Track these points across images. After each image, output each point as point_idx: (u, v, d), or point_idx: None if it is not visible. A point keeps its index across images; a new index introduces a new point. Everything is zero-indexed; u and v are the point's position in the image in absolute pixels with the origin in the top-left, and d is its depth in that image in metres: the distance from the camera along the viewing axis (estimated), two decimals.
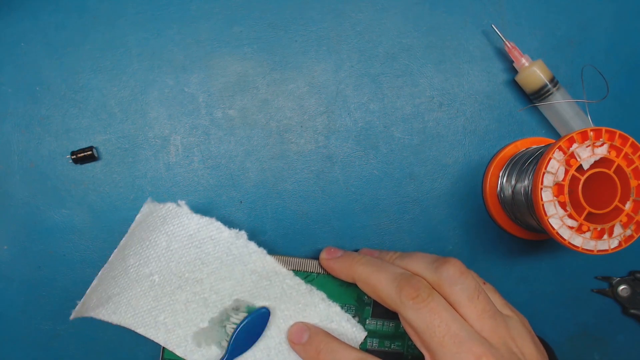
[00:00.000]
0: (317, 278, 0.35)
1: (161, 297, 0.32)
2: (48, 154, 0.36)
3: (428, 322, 0.28)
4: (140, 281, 0.32)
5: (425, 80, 0.38)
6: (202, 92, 0.37)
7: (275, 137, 0.37)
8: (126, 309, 0.32)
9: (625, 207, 0.31)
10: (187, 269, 0.32)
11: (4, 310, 0.36)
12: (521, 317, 0.31)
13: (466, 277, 0.29)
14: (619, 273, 0.40)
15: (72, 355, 0.36)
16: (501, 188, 0.37)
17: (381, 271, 0.30)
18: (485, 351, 0.27)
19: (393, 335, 0.36)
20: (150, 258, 0.32)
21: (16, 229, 0.36)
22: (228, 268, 0.33)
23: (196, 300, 0.33)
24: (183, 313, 0.33)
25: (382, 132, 0.38)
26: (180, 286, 0.32)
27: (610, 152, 0.31)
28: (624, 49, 0.40)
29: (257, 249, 0.33)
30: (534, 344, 0.30)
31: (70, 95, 0.36)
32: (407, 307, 0.28)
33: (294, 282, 0.33)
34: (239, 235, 0.33)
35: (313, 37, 0.38)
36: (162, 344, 0.33)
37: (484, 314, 0.28)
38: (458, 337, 0.27)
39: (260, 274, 0.33)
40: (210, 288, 0.33)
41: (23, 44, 0.36)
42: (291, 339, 0.33)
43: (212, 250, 0.33)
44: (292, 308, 0.33)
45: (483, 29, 0.39)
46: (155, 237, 0.32)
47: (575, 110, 0.37)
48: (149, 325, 0.32)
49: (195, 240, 0.32)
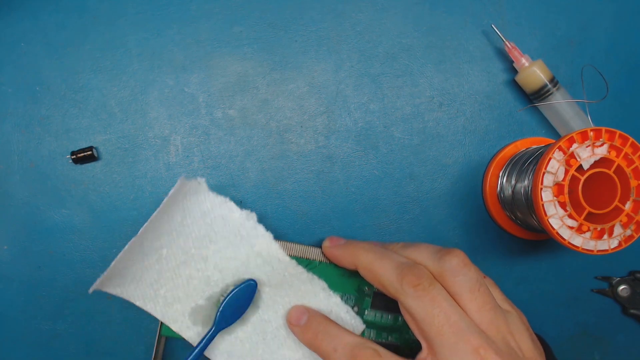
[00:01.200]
0: (319, 266, 0.35)
1: (165, 271, 0.32)
2: (48, 154, 0.36)
3: (427, 311, 0.27)
4: (150, 254, 0.32)
5: (425, 80, 0.38)
6: (202, 92, 0.37)
7: (275, 137, 0.37)
8: (130, 282, 0.32)
9: (625, 207, 0.31)
10: (194, 245, 0.33)
11: (4, 310, 0.36)
12: (520, 313, 0.31)
13: (469, 269, 0.29)
14: (619, 273, 0.40)
15: (72, 355, 0.36)
16: (501, 188, 0.37)
17: (384, 259, 0.30)
18: (482, 343, 0.27)
19: (391, 328, 0.36)
20: (163, 232, 0.32)
21: (16, 229, 0.36)
22: (234, 248, 0.33)
23: (199, 277, 0.33)
24: (184, 288, 0.33)
25: (382, 132, 0.38)
26: (185, 261, 0.33)
27: (610, 152, 0.31)
28: (624, 49, 0.40)
29: (265, 233, 0.33)
30: (532, 340, 0.30)
31: (70, 95, 0.36)
32: (407, 295, 0.28)
33: (296, 270, 0.33)
34: (249, 216, 0.33)
35: (313, 37, 0.38)
36: (159, 317, 0.33)
37: (484, 306, 0.28)
38: (457, 328, 0.27)
39: (265, 259, 0.33)
40: (214, 266, 0.33)
41: (23, 44, 0.36)
42: (289, 320, 0.33)
43: (221, 229, 0.33)
44: (292, 295, 0.33)
45: (483, 29, 0.39)
46: (173, 212, 0.32)
47: (575, 110, 0.37)
48: (148, 298, 0.32)
49: (208, 218, 0.33)
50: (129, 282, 0.32)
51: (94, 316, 0.36)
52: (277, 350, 0.33)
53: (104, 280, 0.31)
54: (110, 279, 0.31)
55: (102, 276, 0.31)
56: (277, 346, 0.33)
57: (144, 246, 0.32)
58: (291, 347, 0.33)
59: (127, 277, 0.32)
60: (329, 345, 0.30)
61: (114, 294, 0.32)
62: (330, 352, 0.29)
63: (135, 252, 0.32)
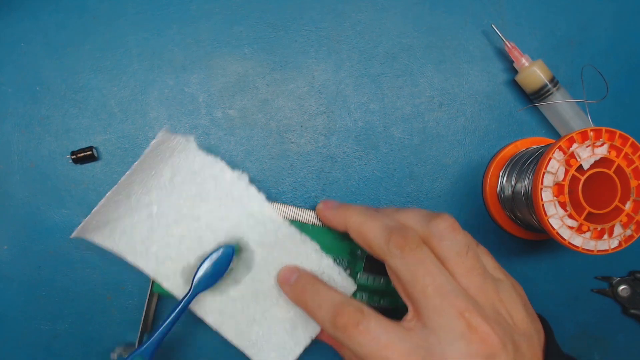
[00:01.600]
0: (312, 229, 0.35)
1: (156, 229, 0.33)
2: (48, 154, 0.36)
3: (413, 272, 0.27)
4: (139, 209, 0.32)
5: (425, 80, 0.38)
6: (202, 92, 0.37)
7: (275, 137, 0.37)
8: (120, 236, 0.32)
9: (625, 207, 0.31)
10: (186, 205, 0.33)
11: (4, 310, 0.36)
12: (514, 282, 0.30)
13: (457, 233, 0.28)
14: (619, 273, 0.40)
15: (72, 355, 0.36)
16: (501, 188, 0.37)
17: (373, 220, 0.30)
18: (469, 307, 0.26)
19: (383, 292, 0.36)
20: (152, 187, 0.32)
21: (16, 229, 0.36)
22: (226, 209, 0.33)
23: (191, 237, 0.33)
24: (176, 247, 0.33)
25: (382, 132, 0.38)
26: (177, 220, 0.33)
27: (610, 152, 0.31)
28: (624, 49, 0.40)
29: (257, 194, 0.33)
30: (525, 309, 0.29)
31: (70, 95, 0.36)
32: (394, 255, 0.28)
33: (289, 231, 0.34)
34: (241, 177, 0.33)
35: (313, 37, 0.38)
36: (152, 274, 0.33)
37: (472, 271, 0.27)
38: (442, 290, 0.26)
39: (257, 219, 0.33)
40: (206, 226, 0.33)
41: (23, 44, 0.36)
42: (280, 279, 0.33)
43: (213, 189, 0.33)
44: (284, 256, 0.34)
45: (483, 29, 0.39)
46: (161, 168, 0.32)
47: (575, 110, 0.37)
48: (140, 255, 0.33)
49: (198, 177, 0.33)
50: (119, 236, 0.32)
51: (94, 316, 0.36)
52: (269, 310, 0.33)
53: (87, 227, 0.31)
54: (99, 229, 0.32)
55: (84, 221, 0.31)
56: (269, 305, 0.33)
57: (131, 200, 0.32)
58: (283, 306, 0.34)
59: (117, 230, 0.32)
60: (314, 302, 0.29)
61: (105, 246, 0.32)
62: (316, 308, 0.29)
63: (123, 205, 0.32)
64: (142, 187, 0.32)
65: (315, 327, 0.34)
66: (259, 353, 0.33)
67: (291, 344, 0.34)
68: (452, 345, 0.26)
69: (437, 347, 0.26)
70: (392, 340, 0.26)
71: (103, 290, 0.36)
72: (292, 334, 0.34)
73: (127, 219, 0.32)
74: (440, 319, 0.26)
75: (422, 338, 0.26)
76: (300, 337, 0.34)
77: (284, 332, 0.34)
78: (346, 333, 0.27)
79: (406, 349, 0.26)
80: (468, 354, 0.25)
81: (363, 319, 0.27)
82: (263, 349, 0.33)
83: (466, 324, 0.26)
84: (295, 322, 0.34)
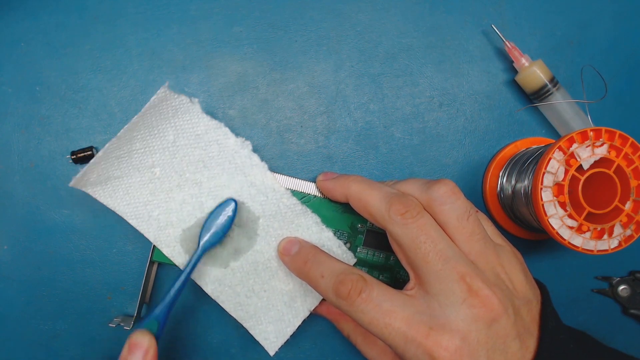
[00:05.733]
0: (313, 200, 0.35)
1: (159, 192, 0.32)
2: (48, 154, 0.36)
3: (414, 238, 0.27)
4: (141, 170, 0.32)
5: (425, 80, 0.38)
6: (202, 92, 0.37)
7: (275, 137, 0.37)
8: (122, 196, 0.32)
9: (625, 207, 0.31)
10: (188, 169, 0.33)
11: (4, 310, 0.36)
12: (514, 249, 0.30)
13: (457, 198, 0.28)
14: (619, 273, 0.40)
15: (72, 355, 0.36)
16: (501, 188, 0.37)
17: (374, 189, 0.30)
18: (470, 271, 0.26)
19: (383, 266, 0.36)
20: (155, 148, 0.32)
21: (16, 229, 0.36)
22: (229, 176, 0.33)
23: (192, 203, 0.33)
24: (177, 212, 0.33)
25: (382, 132, 0.38)
26: (180, 185, 0.33)
27: (610, 152, 0.31)
28: (624, 49, 0.40)
29: (260, 163, 0.33)
30: (524, 274, 0.29)
31: (70, 95, 0.36)
32: (394, 222, 0.28)
33: (290, 201, 0.33)
34: (244, 144, 0.33)
35: (313, 37, 0.38)
36: (152, 240, 0.33)
37: (472, 236, 0.28)
38: (443, 255, 0.27)
39: (259, 188, 0.33)
40: (208, 192, 0.33)
41: (23, 44, 0.36)
42: (280, 251, 0.33)
43: (216, 155, 0.33)
44: (285, 227, 0.33)
45: (483, 29, 0.39)
46: (164, 128, 0.32)
47: (575, 110, 0.37)
48: (141, 218, 0.32)
49: (202, 141, 0.33)
50: (121, 197, 0.32)
51: (94, 316, 0.36)
52: (268, 281, 0.33)
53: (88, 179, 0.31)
54: (100, 185, 0.31)
55: (83, 171, 0.30)
56: (268, 277, 0.33)
57: (133, 158, 0.32)
58: (282, 278, 0.33)
59: (119, 190, 0.32)
60: (316, 272, 0.29)
61: (106, 204, 0.32)
62: (318, 278, 0.29)
63: (125, 163, 0.32)
64: (144, 146, 0.32)
65: (313, 300, 0.34)
66: (257, 326, 0.33)
67: (289, 317, 0.33)
68: (454, 309, 0.26)
69: (439, 311, 0.26)
70: (394, 306, 0.26)
71: (103, 290, 0.36)
72: (290, 306, 0.33)
73: (129, 178, 0.32)
74: (441, 284, 0.26)
75: (424, 304, 0.27)
76: (298, 309, 0.34)
77: (283, 304, 0.33)
78: (349, 301, 0.27)
79: (408, 314, 0.26)
80: (470, 317, 0.26)
81: (366, 286, 0.27)
82: (261, 321, 0.33)
83: (467, 288, 0.26)
84: (294, 294, 0.33)
